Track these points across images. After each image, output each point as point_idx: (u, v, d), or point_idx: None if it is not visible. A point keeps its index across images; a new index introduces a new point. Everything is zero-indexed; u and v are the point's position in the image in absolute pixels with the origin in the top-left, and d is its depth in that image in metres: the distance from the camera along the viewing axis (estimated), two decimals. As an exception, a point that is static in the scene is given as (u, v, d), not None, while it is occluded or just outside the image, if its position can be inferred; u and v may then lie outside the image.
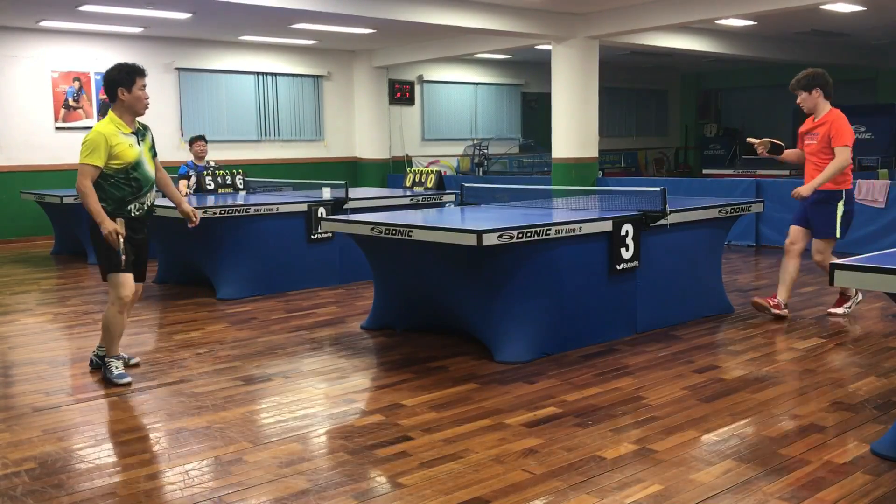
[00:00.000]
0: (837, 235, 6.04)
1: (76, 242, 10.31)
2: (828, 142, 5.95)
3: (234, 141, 14.46)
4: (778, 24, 13.39)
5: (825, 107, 6.08)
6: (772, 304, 6.29)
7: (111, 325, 4.89)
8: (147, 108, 4.90)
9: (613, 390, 4.63)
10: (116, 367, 4.90)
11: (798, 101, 6.21)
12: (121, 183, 4.77)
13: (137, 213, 4.87)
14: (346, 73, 15.92)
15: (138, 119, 4.97)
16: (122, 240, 4.71)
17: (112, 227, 4.67)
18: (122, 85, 4.80)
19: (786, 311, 6.32)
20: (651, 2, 11.16)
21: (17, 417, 4.33)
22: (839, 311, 6.44)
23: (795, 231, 6.27)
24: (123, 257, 4.73)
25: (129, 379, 4.86)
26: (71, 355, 5.82)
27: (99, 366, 5.11)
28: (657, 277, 5.99)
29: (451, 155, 17.26)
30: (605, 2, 11.25)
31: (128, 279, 4.83)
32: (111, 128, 4.75)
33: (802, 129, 6.28)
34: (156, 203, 5.09)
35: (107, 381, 4.86)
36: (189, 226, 5.40)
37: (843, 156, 5.82)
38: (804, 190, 5.99)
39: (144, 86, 4.88)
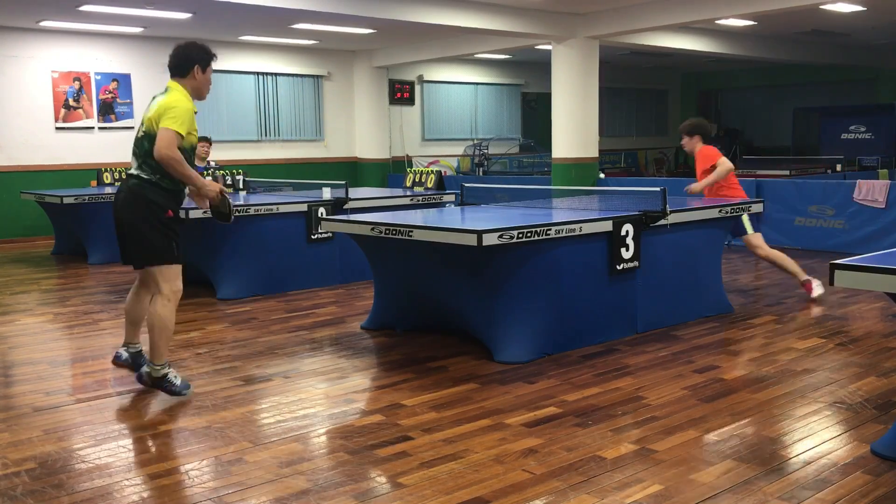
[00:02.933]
0: (751, 231, 7.10)
1: (76, 242, 10.31)
2: (706, 169, 7.14)
3: (235, 141, 14.46)
4: (778, 24, 13.39)
5: (699, 147, 7.29)
6: (811, 294, 7.18)
7: (166, 324, 4.43)
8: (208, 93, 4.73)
9: (613, 390, 4.63)
10: (176, 377, 4.54)
11: (683, 143, 7.41)
12: (188, 157, 4.44)
13: (187, 197, 4.65)
14: (346, 73, 15.93)
15: None
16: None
17: (217, 186, 4.49)
18: (199, 63, 4.53)
19: (816, 285, 7.17)
20: (651, 2, 11.16)
21: (17, 417, 4.33)
22: (817, 292, 7.15)
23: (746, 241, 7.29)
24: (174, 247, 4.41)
25: (192, 388, 4.61)
26: (71, 355, 5.82)
27: (126, 361, 4.86)
28: (657, 277, 5.99)
29: (451, 155, 17.27)
30: (605, 2, 11.25)
31: (179, 271, 4.49)
32: (191, 103, 4.47)
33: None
34: None
35: (167, 393, 4.52)
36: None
37: (724, 166, 7.03)
38: (693, 187, 7.21)
39: (212, 70, 4.68)
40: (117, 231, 4.51)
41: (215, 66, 4.70)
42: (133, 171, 4.43)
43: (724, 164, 7.05)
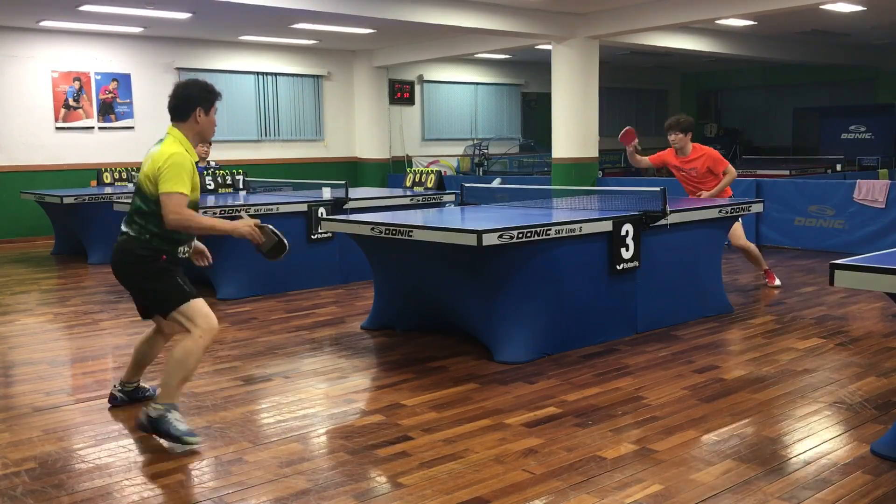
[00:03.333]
0: (740, 221, 7.32)
1: (76, 242, 10.31)
2: (708, 170, 7.38)
3: (235, 141, 14.46)
4: (778, 24, 13.39)
5: (690, 145, 7.50)
6: (773, 283, 7.71)
7: (188, 359, 3.87)
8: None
9: (613, 390, 4.63)
10: (180, 420, 3.89)
11: (674, 139, 7.52)
12: (197, 216, 3.99)
13: (185, 256, 4.19)
14: (346, 73, 15.93)
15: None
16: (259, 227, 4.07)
17: (249, 223, 4.03)
18: (202, 105, 4.04)
19: (776, 282, 7.72)
20: (651, 2, 11.16)
21: (17, 417, 4.33)
22: (777, 282, 7.70)
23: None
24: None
25: (199, 437, 3.90)
26: (71, 355, 5.82)
27: (122, 401, 4.44)
28: (657, 277, 5.99)
29: (451, 155, 17.26)
30: (605, 2, 11.25)
31: (203, 306, 3.99)
32: (187, 154, 4.00)
33: (673, 161, 7.66)
34: None
35: (166, 437, 3.86)
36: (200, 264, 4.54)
37: (733, 172, 7.39)
38: (709, 193, 7.36)
39: (216, 110, 4.16)
40: (125, 285, 4.16)
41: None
42: (123, 228, 4.04)
43: (733, 170, 7.39)
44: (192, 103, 4.04)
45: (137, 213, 3.97)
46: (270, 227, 4.10)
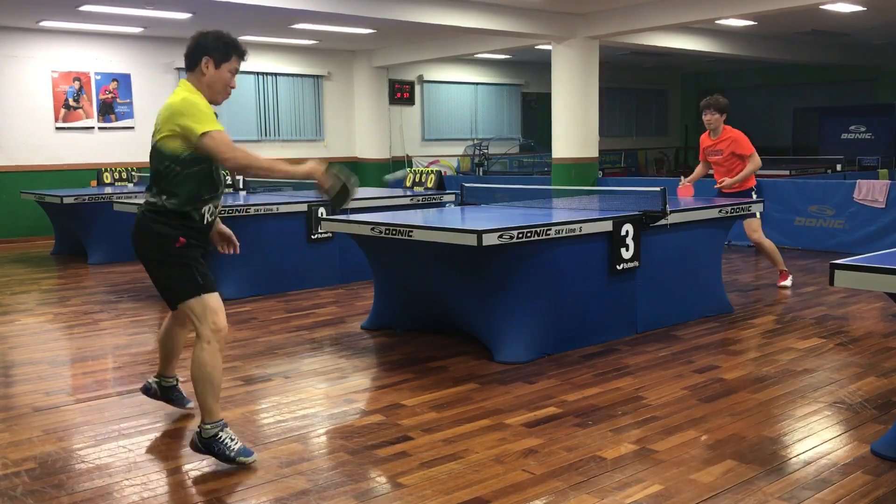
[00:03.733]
0: (757, 215, 7.48)
1: (76, 242, 10.31)
2: (732, 153, 7.53)
3: (235, 141, 14.42)
4: (778, 24, 13.39)
5: (722, 127, 7.65)
6: (783, 282, 7.73)
7: (211, 372, 3.57)
8: (227, 98, 3.84)
9: (613, 390, 4.63)
10: (233, 439, 3.61)
11: (709, 118, 7.67)
12: (201, 174, 3.66)
13: (210, 219, 3.79)
14: (346, 73, 15.93)
15: None
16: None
17: (318, 165, 3.63)
18: (209, 54, 3.64)
19: (789, 279, 7.75)
20: (651, 2, 11.16)
21: (17, 417, 4.33)
22: (786, 283, 7.69)
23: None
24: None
25: (254, 455, 3.64)
26: (71, 355, 5.82)
27: (154, 393, 4.28)
28: (657, 277, 5.99)
29: (451, 155, 17.26)
30: (605, 2, 11.25)
31: (215, 304, 3.64)
32: (202, 98, 3.64)
33: (707, 144, 7.76)
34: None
35: (220, 458, 3.59)
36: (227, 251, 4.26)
37: (757, 161, 7.52)
38: (729, 182, 7.52)
39: (236, 71, 3.76)
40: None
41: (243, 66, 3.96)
42: (146, 198, 3.71)
43: (757, 159, 7.50)
44: (200, 51, 3.67)
45: (156, 177, 3.65)
46: (335, 170, 3.65)
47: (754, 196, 7.55)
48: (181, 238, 3.62)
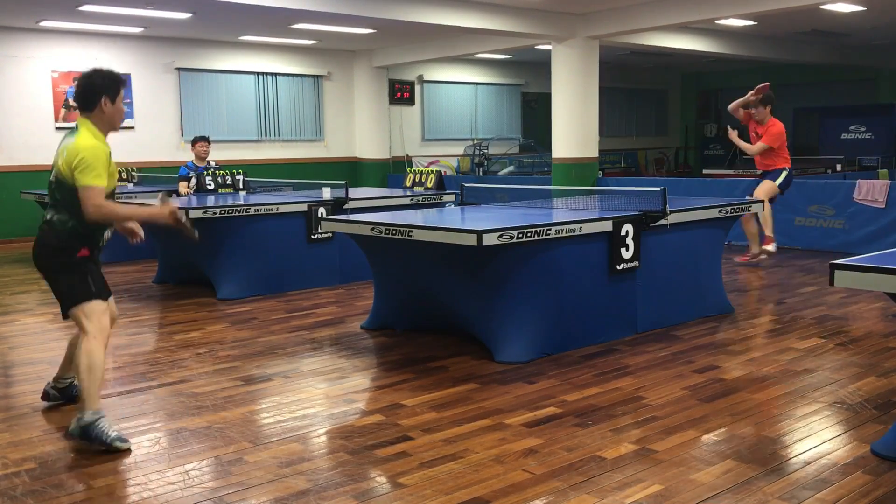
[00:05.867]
0: (777, 184, 8.69)
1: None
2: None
3: (235, 141, 14.46)
4: (778, 24, 13.39)
5: (769, 118, 8.82)
6: (766, 246, 8.74)
7: (96, 365, 3.92)
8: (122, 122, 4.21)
9: (613, 390, 4.63)
10: (109, 425, 3.90)
11: (753, 111, 8.77)
12: (115, 206, 4.09)
13: (103, 242, 4.23)
14: (346, 73, 15.93)
15: None
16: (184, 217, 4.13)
17: (171, 207, 4.08)
18: (107, 94, 4.02)
19: (773, 245, 8.75)
20: (651, 2, 11.16)
21: (17, 417, 4.33)
22: (770, 248, 8.68)
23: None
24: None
25: (129, 442, 3.91)
26: (71, 355, 5.82)
27: (55, 398, 4.46)
28: (657, 277, 5.99)
29: (451, 155, 17.26)
30: (605, 2, 11.25)
31: (102, 309, 4.06)
32: (102, 146, 3.99)
33: (751, 126, 8.96)
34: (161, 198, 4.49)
35: (98, 443, 3.83)
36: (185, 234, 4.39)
37: (758, 146, 8.79)
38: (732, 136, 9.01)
39: (123, 98, 4.17)
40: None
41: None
42: (47, 217, 4.03)
43: (763, 147, 8.74)
44: (96, 93, 4.01)
45: (60, 203, 3.98)
46: (183, 217, 4.16)
47: (784, 174, 8.73)
48: (83, 249, 4.04)
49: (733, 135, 8.87)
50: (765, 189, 8.59)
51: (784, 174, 8.73)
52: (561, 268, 5.39)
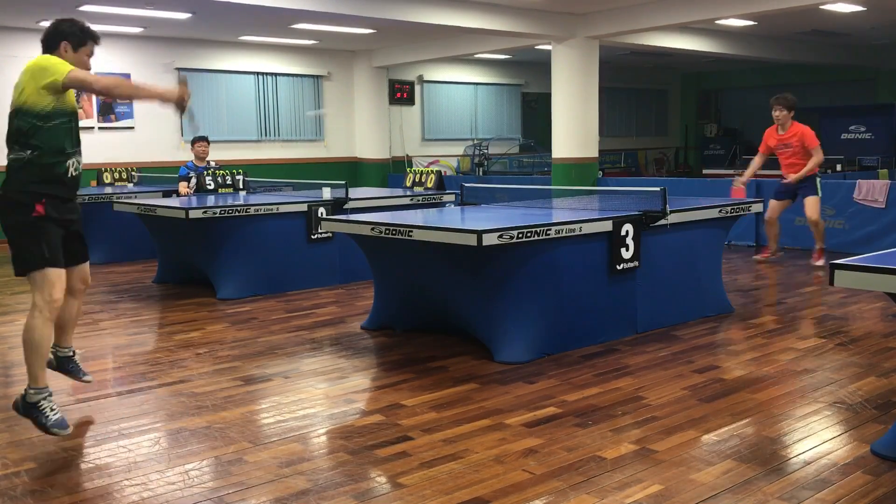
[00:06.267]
0: (819, 194, 8.65)
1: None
2: (802, 146, 8.53)
3: (235, 141, 14.46)
4: (778, 24, 13.39)
5: (790, 122, 8.61)
6: (767, 255, 9.04)
7: (38, 340, 3.81)
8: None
9: (613, 390, 4.63)
10: (53, 410, 3.85)
11: (778, 115, 8.57)
12: (64, 128, 3.88)
13: (74, 174, 3.96)
14: (346, 73, 15.93)
15: None
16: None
17: (179, 90, 4.03)
18: (67, 39, 3.94)
19: (823, 259, 8.70)
20: (651, 2, 11.16)
21: (17, 417, 4.31)
22: (820, 263, 8.66)
23: (781, 204, 8.89)
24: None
25: (69, 429, 3.87)
26: (71, 355, 5.81)
27: (50, 364, 4.27)
28: (657, 277, 5.99)
29: (451, 155, 17.26)
30: (605, 2, 11.25)
31: (55, 278, 3.82)
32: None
33: (772, 141, 8.73)
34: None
35: (36, 426, 3.84)
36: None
37: (817, 158, 8.52)
38: (795, 177, 8.61)
39: (91, 54, 4.05)
40: None
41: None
42: (8, 158, 3.85)
43: (821, 153, 8.51)
44: (58, 36, 3.98)
45: (18, 135, 3.83)
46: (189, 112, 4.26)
47: (818, 182, 8.67)
48: (39, 207, 3.80)
49: (797, 176, 8.57)
50: (814, 206, 8.58)
51: (819, 181, 8.73)
52: (561, 268, 5.39)
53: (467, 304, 5.45)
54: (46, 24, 4.09)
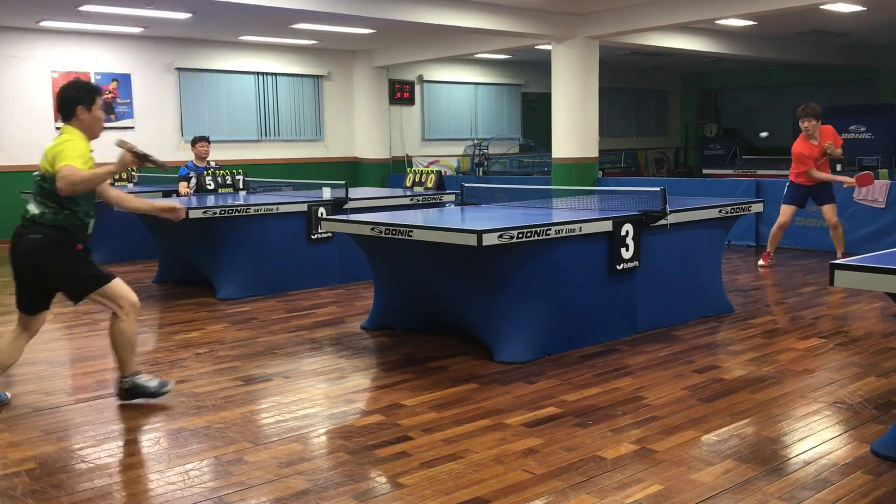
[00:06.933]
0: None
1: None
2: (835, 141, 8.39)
3: (235, 141, 14.45)
4: (778, 24, 13.39)
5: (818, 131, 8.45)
6: (769, 260, 8.90)
7: (131, 338, 4.45)
8: (103, 130, 4.59)
9: (613, 390, 4.63)
10: (148, 380, 4.56)
11: (808, 126, 8.37)
12: (87, 195, 4.38)
13: (91, 232, 4.47)
14: (346, 73, 15.92)
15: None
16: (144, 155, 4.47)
17: (125, 158, 4.38)
18: (81, 103, 4.39)
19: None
20: (651, 2, 11.16)
21: (17, 417, 4.33)
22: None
23: (791, 210, 8.67)
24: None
25: (171, 382, 4.64)
26: (71, 355, 5.82)
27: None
28: (657, 277, 5.99)
29: (451, 155, 17.26)
30: (605, 2, 11.25)
31: (124, 286, 4.42)
32: (82, 140, 4.37)
33: (816, 152, 8.47)
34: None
35: (146, 397, 4.49)
36: (176, 218, 4.91)
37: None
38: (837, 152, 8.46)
39: (102, 107, 4.52)
40: (24, 278, 4.36)
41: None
42: (34, 214, 4.32)
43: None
44: (72, 102, 4.37)
45: (47, 198, 4.28)
46: (139, 153, 4.46)
47: (833, 187, 8.55)
48: (79, 245, 4.33)
49: (854, 181, 8.50)
50: (835, 211, 8.51)
51: (834, 186, 8.68)
52: (561, 268, 5.39)
53: (467, 304, 5.45)
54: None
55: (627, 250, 5.67)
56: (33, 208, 4.35)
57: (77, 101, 4.38)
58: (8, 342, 4.51)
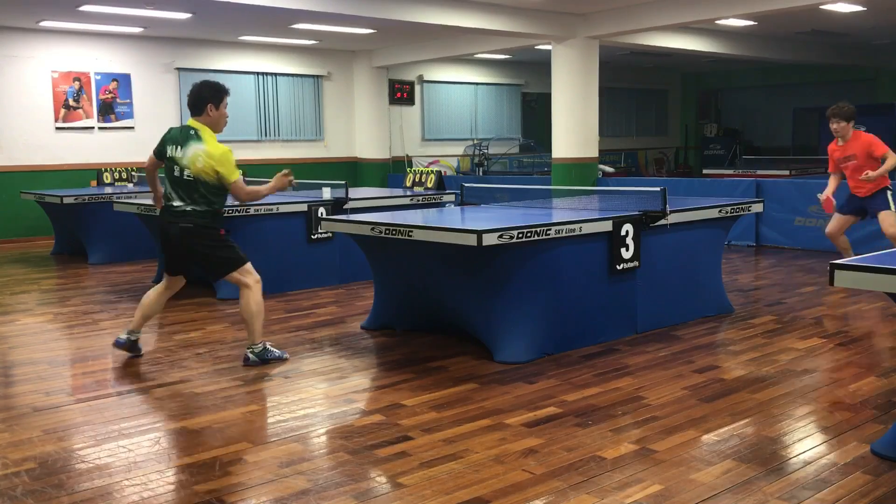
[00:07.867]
0: (893, 209, 7.53)
1: (76, 242, 10.30)
2: (868, 155, 7.58)
3: (235, 141, 14.45)
4: (778, 24, 13.39)
5: (851, 133, 7.78)
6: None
7: (261, 309, 5.19)
8: (226, 125, 5.25)
9: (613, 390, 4.63)
10: (274, 348, 5.33)
11: (836, 127, 7.76)
12: (225, 190, 5.14)
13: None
14: (346, 73, 15.92)
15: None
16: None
17: (283, 181, 5.33)
18: (212, 101, 5.04)
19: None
20: (651, 2, 11.16)
21: (17, 417, 4.33)
22: None
23: (845, 219, 7.90)
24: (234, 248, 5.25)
25: (287, 353, 5.38)
26: (71, 355, 5.82)
27: (121, 344, 5.35)
28: (657, 277, 5.99)
29: (451, 155, 17.26)
30: (605, 2, 11.25)
31: (251, 266, 5.24)
32: (224, 147, 5.10)
33: (837, 154, 7.84)
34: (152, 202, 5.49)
35: (274, 361, 5.23)
36: (290, 183, 5.62)
37: (894, 157, 7.44)
38: (873, 175, 7.42)
39: (227, 104, 5.18)
40: (181, 255, 5.19)
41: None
42: (186, 209, 5.02)
43: (892, 155, 7.49)
44: (203, 100, 5.05)
45: (202, 194, 5.02)
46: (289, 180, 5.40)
47: (889, 194, 7.61)
48: (222, 231, 5.19)
49: (875, 174, 7.46)
50: (891, 221, 7.54)
51: (890, 194, 7.69)
52: (561, 268, 5.39)
53: (467, 304, 5.45)
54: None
55: (627, 250, 5.67)
56: (185, 204, 5.04)
57: (208, 99, 5.05)
58: (155, 297, 5.33)
